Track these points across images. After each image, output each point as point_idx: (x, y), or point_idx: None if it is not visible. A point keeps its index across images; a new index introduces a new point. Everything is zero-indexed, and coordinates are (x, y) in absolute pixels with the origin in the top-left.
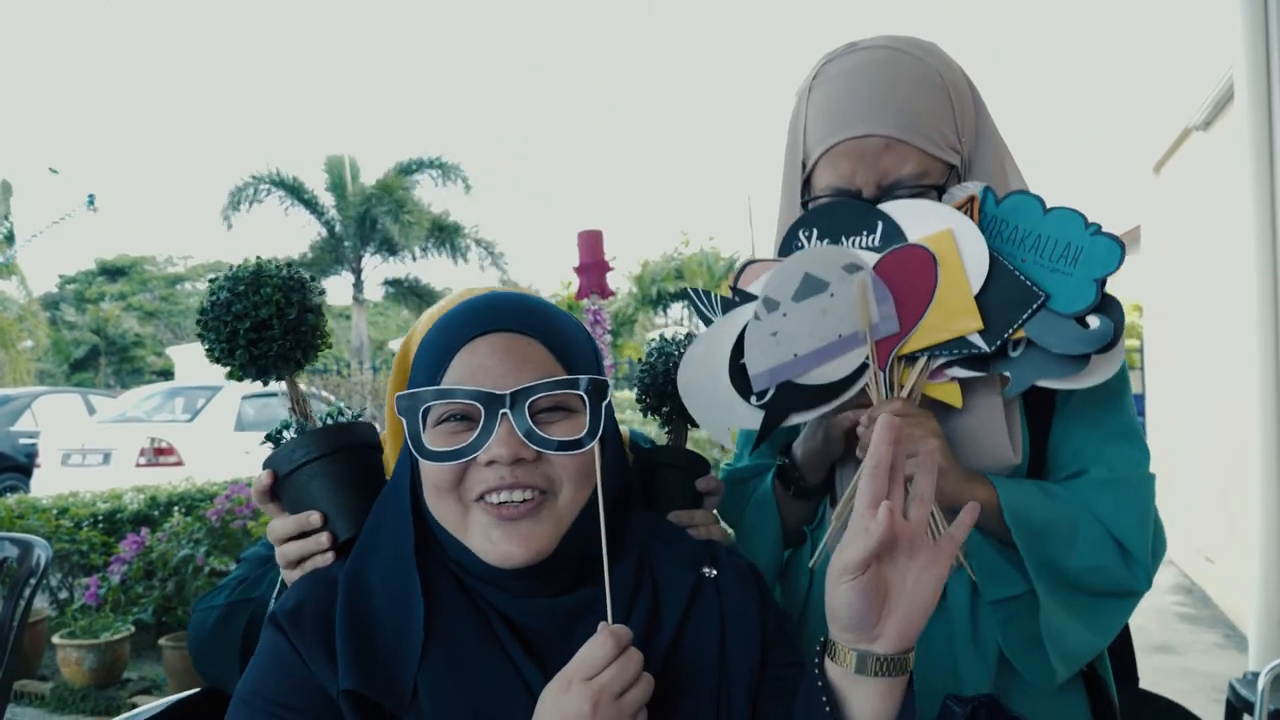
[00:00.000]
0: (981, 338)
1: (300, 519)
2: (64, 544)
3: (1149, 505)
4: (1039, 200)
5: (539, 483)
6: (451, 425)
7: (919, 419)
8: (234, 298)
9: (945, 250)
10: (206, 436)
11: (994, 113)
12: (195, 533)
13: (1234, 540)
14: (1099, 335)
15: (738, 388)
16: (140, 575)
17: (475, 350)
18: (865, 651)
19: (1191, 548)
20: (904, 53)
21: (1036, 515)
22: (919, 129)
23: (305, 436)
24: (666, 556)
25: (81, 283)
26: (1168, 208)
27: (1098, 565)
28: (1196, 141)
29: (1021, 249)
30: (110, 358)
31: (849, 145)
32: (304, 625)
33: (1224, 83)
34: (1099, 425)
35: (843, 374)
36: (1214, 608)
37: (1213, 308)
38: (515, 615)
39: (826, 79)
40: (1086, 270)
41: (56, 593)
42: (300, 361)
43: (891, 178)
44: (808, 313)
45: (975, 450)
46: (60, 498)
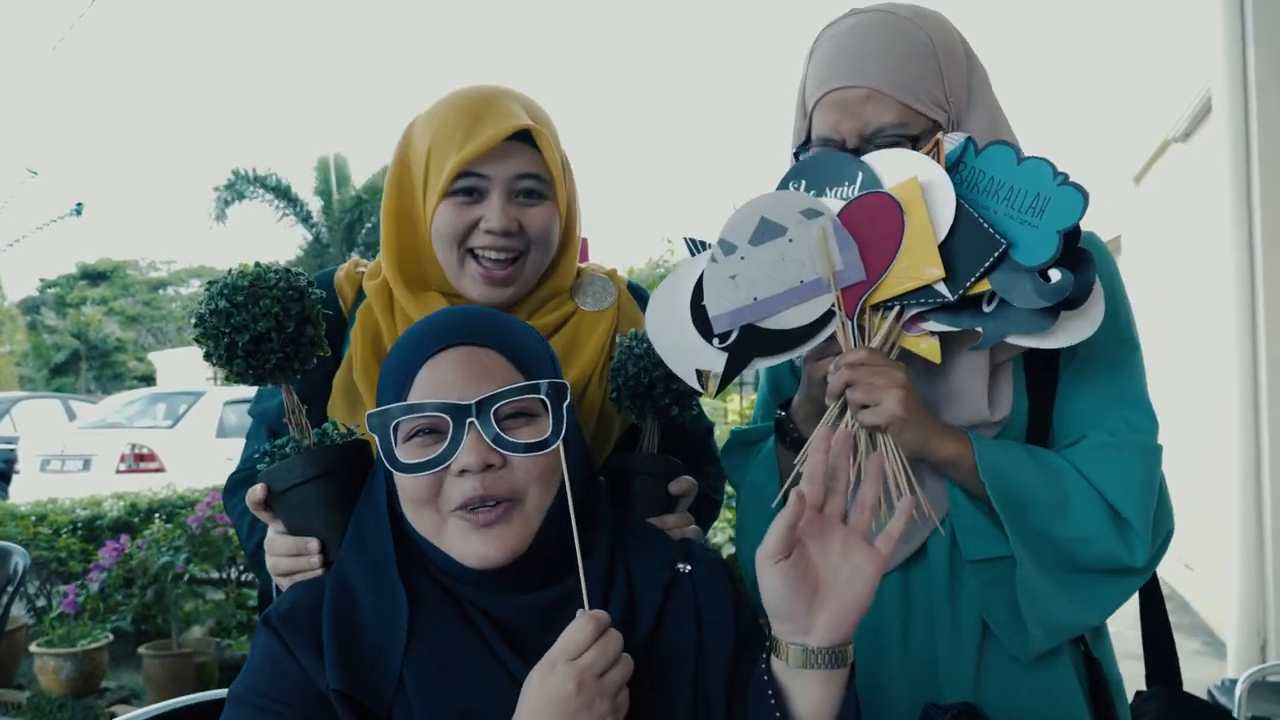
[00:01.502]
0: (946, 287)
1: (298, 544)
2: (42, 551)
3: (1152, 474)
4: (1014, 150)
5: (505, 493)
6: (422, 439)
7: (883, 368)
8: (232, 309)
9: (911, 198)
10: (188, 442)
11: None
12: (175, 540)
13: (1213, 548)
14: (1057, 289)
15: (701, 330)
16: (119, 583)
17: (437, 365)
18: (801, 645)
19: (1171, 555)
20: (897, 15)
21: (1022, 479)
22: (899, 82)
23: (301, 456)
24: (640, 553)
25: (62, 287)
26: (1148, 218)
27: (1089, 535)
28: (1176, 153)
29: (995, 200)
30: (91, 363)
31: (834, 96)
32: (296, 627)
33: (1203, 95)
34: (1104, 392)
35: (807, 320)
36: (1193, 615)
37: (1192, 317)
38: (496, 612)
39: (824, 40)
40: (1051, 222)
41: (34, 600)
42: (297, 370)
43: (873, 127)
44: (765, 257)
45: (959, 408)
46: (39, 504)
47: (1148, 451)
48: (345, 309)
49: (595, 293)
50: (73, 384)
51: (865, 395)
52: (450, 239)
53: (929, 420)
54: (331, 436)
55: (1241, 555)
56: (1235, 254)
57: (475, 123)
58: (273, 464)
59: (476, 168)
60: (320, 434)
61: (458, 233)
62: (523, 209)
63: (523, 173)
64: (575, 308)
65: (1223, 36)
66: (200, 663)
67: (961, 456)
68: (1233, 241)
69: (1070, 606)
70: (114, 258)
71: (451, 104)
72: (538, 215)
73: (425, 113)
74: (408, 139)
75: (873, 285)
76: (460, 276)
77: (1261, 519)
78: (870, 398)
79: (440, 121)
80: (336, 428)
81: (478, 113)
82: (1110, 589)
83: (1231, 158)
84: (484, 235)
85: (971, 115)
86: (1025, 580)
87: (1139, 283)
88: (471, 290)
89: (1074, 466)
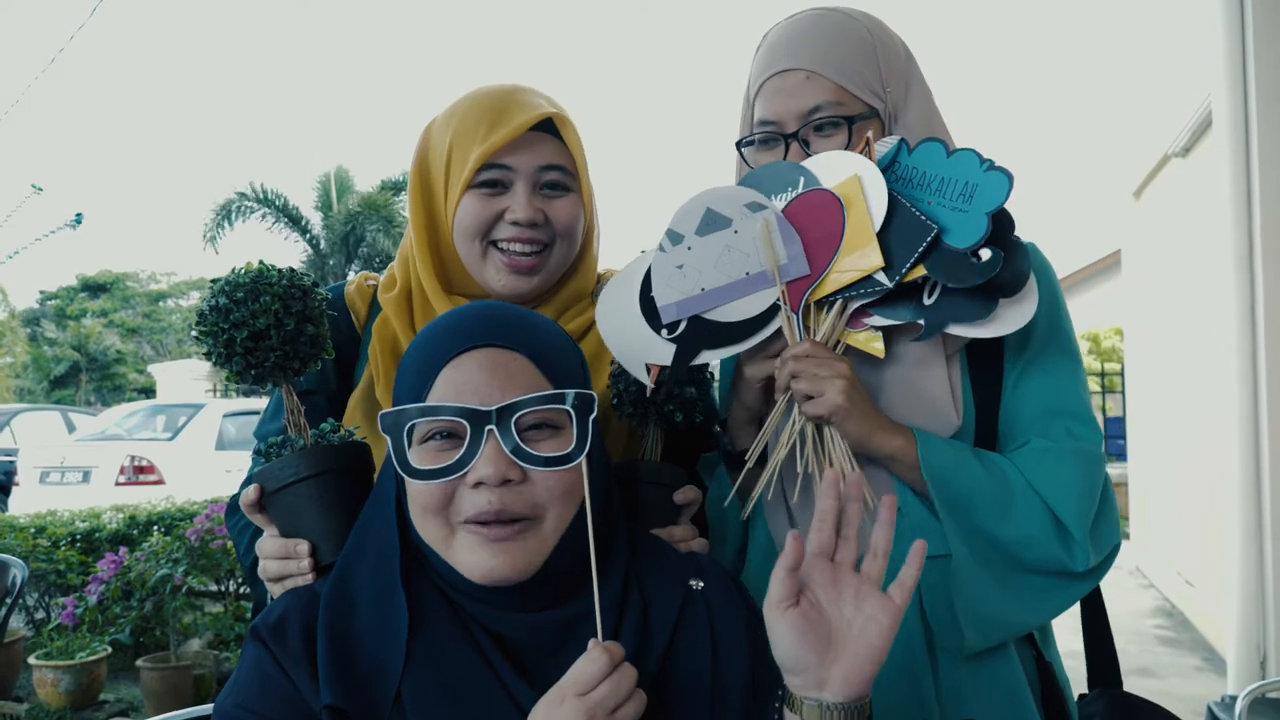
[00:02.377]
0: (884, 275)
1: (288, 545)
2: (41, 563)
3: (1093, 481)
4: (943, 145)
5: (523, 510)
6: (437, 443)
7: (826, 360)
8: (232, 305)
9: (852, 194)
10: (188, 455)
11: (979, 139)
12: (174, 552)
13: (1214, 564)
14: (988, 265)
15: (649, 320)
16: (118, 595)
17: (460, 366)
18: (816, 700)
19: (1172, 571)
20: (836, 11)
21: (965, 477)
22: (835, 65)
23: (295, 455)
24: (653, 571)
25: (63, 299)
26: (1148, 232)
27: (1030, 537)
28: (1175, 168)
29: (927, 192)
30: (91, 375)
31: (774, 81)
32: (287, 639)
33: (1203, 111)
34: (1047, 401)
35: (753, 312)
36: (1194, 631)
37: (1193, 332)
38: (502, 630)
39: (768, 36)
40: (980, 205)
41: (33, 613)
42: (298, 371)
43: (810, 105)
44: (712, 247)
45: (910, 412)
46: (38, 516)
47: (1090, 459)
48: (359, 324)
49: None
50: (72, 396)
51: (809, 386)
52: (474, 232)
53: (873, 413)
54: (329, 437)
55: (1241, 571)
56: (1235, 269)
57: (498, 115)
58: (267, 463)
59: (500, 159)
60: (318, 435)
61: (481, 225)
62: (548, 201)
63: (548, 164)
64: None
65: (1223, 51)
66: (198, 675)
67: (905, 451)
68: (1233, 256)
69: (1010, 607)
70: (114, 270)
71: (472, 100)
72: (563, 207)
73: (444, 113)
74: (426, 140)
75: (817, 280)
76: (483, 269)
77: (1261, 535)
78: (814, 388)
79: (462, 117)
80: (335, 429)
81: (500, 106)
82: (1052, 593)
83: (1232, 173)
84: (509, 227)
85: (908, 109)
86: (961, 577)
87: (1138, 297)
88: (495, 282)
89: (1017, 468)
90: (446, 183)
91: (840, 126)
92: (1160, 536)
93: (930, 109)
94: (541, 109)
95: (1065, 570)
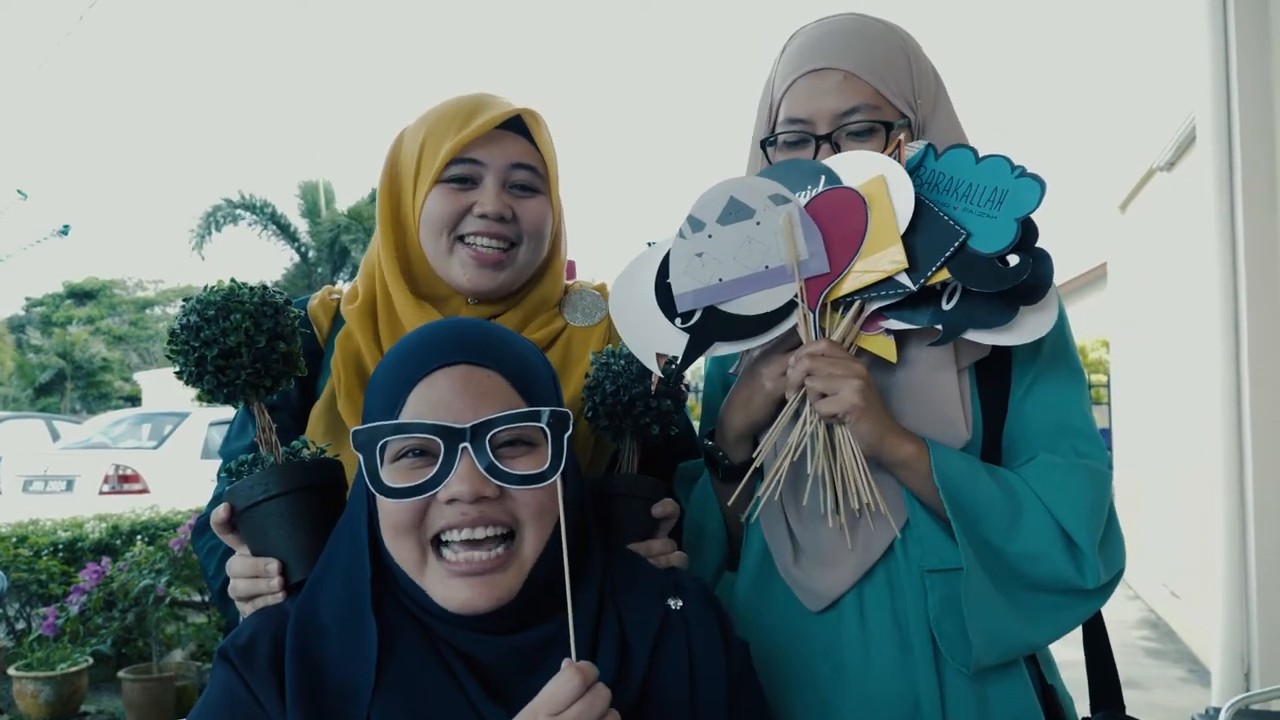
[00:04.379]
0: (907, 277)
1: (257, 564)
2: (22, 573)
3: (1102, 498)
4: (972, 151)
5: (503, 519)
6: (410, 461)
7: (843, 359)
8: (203, 322)
9: (876, 194)
10: (173, 464)
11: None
12: (157, 563)
13: (1199, 575)
14: (1015, 271)
15: (664, 308)
16: (100, 606)
17: (434, 384)
18: None
19: (1157, 582)
20: (871, 18)
21: (975, 488)
22: (875, 71)
23: (265, 472)
24: (630, 589)
25: (49, 306)
26: (1133, 245)
27: (1038, 553)
28: (1160, 181)
29: (954, 198)
30: (77, 382)
31: (808, 79)
32: (256, 663)
33: (1187, 125)
34: (1053, 418)
35: (770, 307)
36: (1179, 642)
37: (1177, 343)
38: (475, 653)
39: (797, 37)
40: (1010, 210)
41: (13, 623)
42: (270, 389)
43: (847, 106)
44: (733, 237)
45: (919, 414)
46: (20, 525)
47: (1099, 477)
48: (321, 338)
49: (585, 308)
50: (57, 404)
51: (824, 384)
52: (441, 225)
53: (886, 416)
54: (301, 454)
55: (1226, 583)
56: (1220, 281)
57: (470, 113)
58: (237, 481)
59: (471, 153)
60: (289, 451)
61: (449, 218)
62: (517, 200)
63: (518, 162)
64: (565, 323)
65: (1207, 66)
66: (181, 687)
67: (917, 459)
68: (1218, 269)
69: (1018, 624)
70: (101, 277)
71: (444, 104)
72: (532, 207)
73: (416, 119)
74: (398, 145)
75: (835, 279)
76: (449, 264)
77: (1246, 547)
78: (829, 387)
79: (435, 119)
80: (308, 446)
81: (472, 106)
82: (1061, 610)
83: (1216, 186)
84: (476, 220)
85: (935, 124)
86: (971, 590)
87: (1124, 309)
88: (461, 277)
89: (1026, 483)
90: (416, 179)
91: (877, 131)
92: (1146, 548)
93: (955, 125)
94: (512, 106)
95: (1075, 587)
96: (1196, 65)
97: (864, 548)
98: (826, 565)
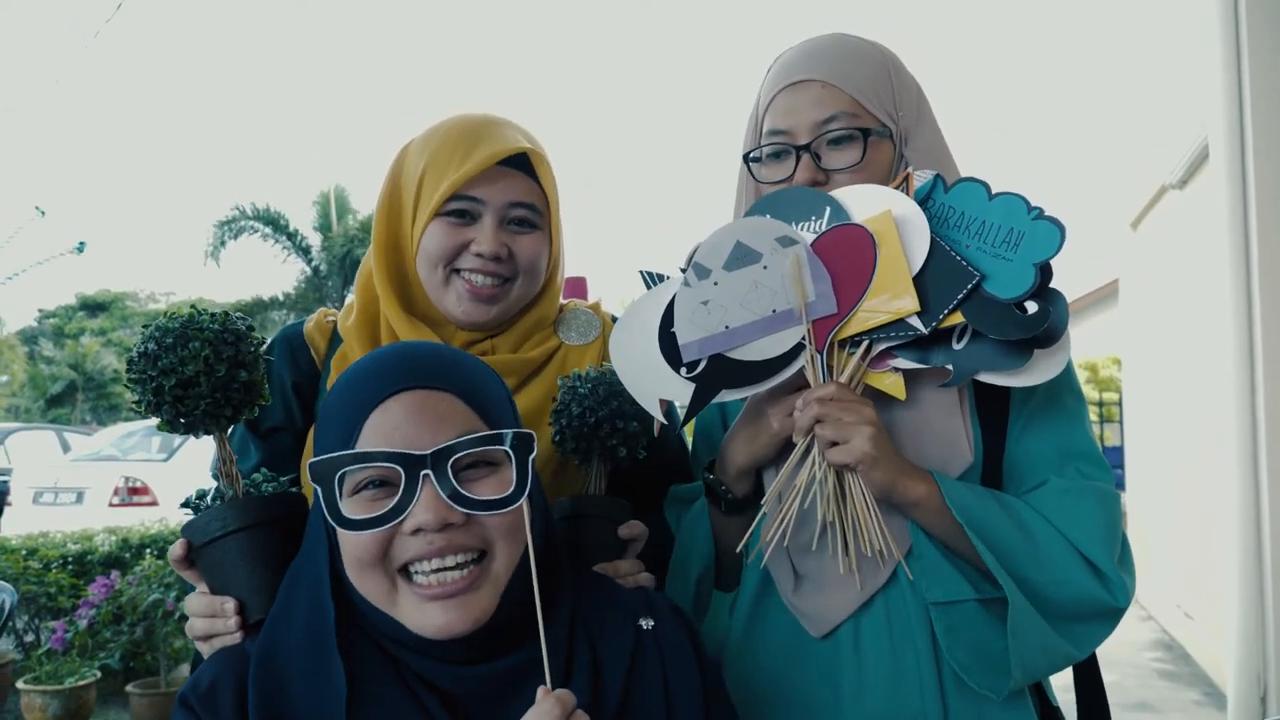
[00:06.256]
0: (919, 320)
1: (214, 603)
2: (32, 586)
3: (1115, 520)
4: (985, 186)
5: (473, 543)
6: (370, 493)
7: (853, 405)
8: (161, 351)
9: (884, 231)
10: (182, 476)
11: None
12: (166, 576)
13: (1213, 596)
14: (1034, 320)
15: (668, 358)
16: (108, 619)
17: (388, 411)
18: None
19: (1171, 603)
20: (851, 35)
21: (994, 522)
22: (853, 81)
23: (223, 507)
24: (602, 612)
25: (61, 317)
26: (1145, 263)
27: (1064, 578)
28: (1172, 199)
29: (966, 235)
30: (87, 394)
31: (788, 92)
32: (218, 708)
33: (1200, 143)
34: (1057, 441)
35: (777, 352)
36: (1194, 665)
37: (1190, 361)
38: (446, 684)
39: (781, 58)
40: (1027, 255)
41: (22, 636)
42: (230, 418)
43: (825, 115)
44: (739, 283)
45: (923, 451)
46: (30, 538)
47: (1108, 498)
48: (319, 360)
49: (580, 327)
50: (68, 415)
51: (835, 432)
52: (437, 259)
53: (897, 459)
54: (261, 487)
55: (1241, 604)
56: (1233, 299)
57: (472, 146)
58: (195, 515)
59: (471, 190)
60: (249, 485)
61: (446, 253)
62: (513, 236)
63: (517, 201)
64: (560, 342)
65: (1220, 84)
66: None
67: (929, 498)
68: (1230, 286)
69: (1053, 644)
70: (113, 289)
71: (448, 128)
72: (528, 244)
73: (420, 136)
74: (401, 162)
75: (843, 319)
76: (444, 295)
77: (1261, 567)
78: (840, 435)
79: (437, 144)
80: (271, 479)
81: (474, 137)
82: (1091, 628)
83: (1229, 205)
84: (473, 258)
85: (919, 136)
86: (1017, 620)
87: (1136, 327)
88: (455, 309)
89: (1036, 510)
90: (416, 207)
91: (855, 139)
92: (1159, 567)
93: (940, 140)
94: (515, 143)
95: (1108, 606)
96: (1209, 83)
97: (868, 576)
98: (828, 593)
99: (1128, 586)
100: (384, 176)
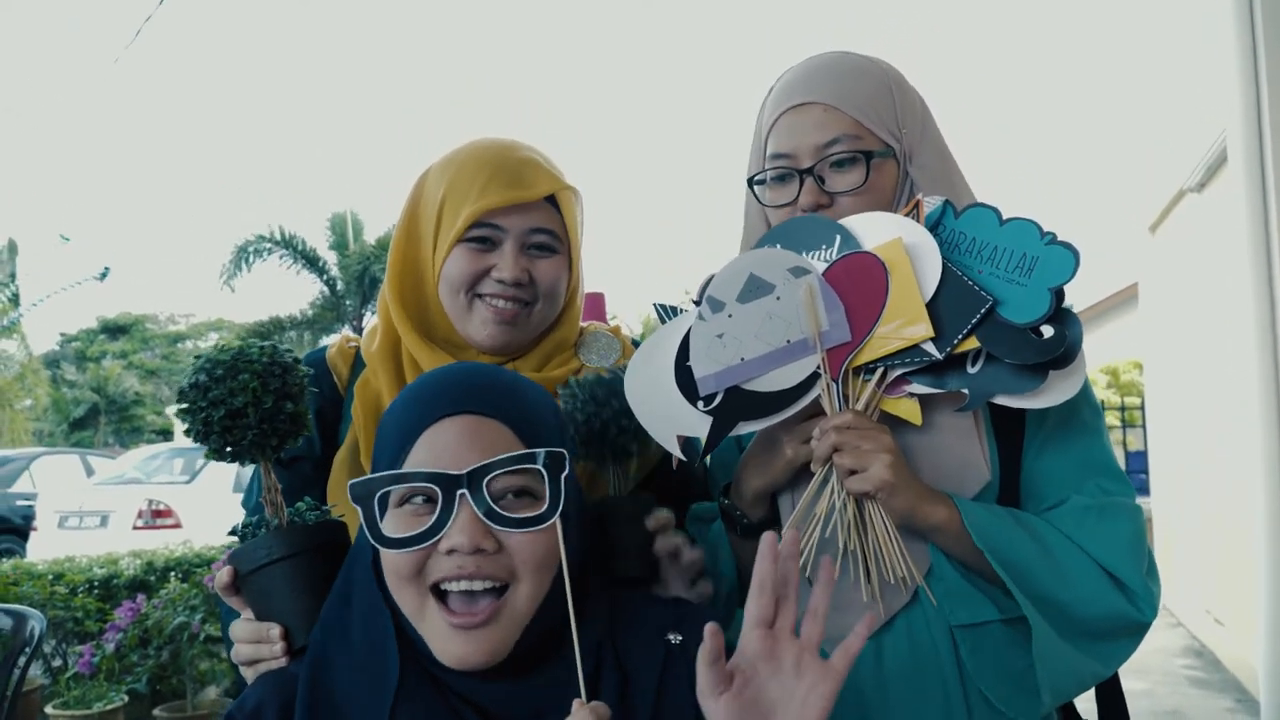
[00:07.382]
0: (933, 346)
1: (260, 629)
2: (58, 611)
3: (1140, 534)
4: (995, 212)
5: (499, 574)
6: (412, 507)
7: (871, 432)
8: (211, 382)
9: (896, 258)
10: (206, 498)
11: (995, 176)
12: (191, 599)
13: (1243, 601)
14: (1050, 345)
15: (685, 393)
16: (135, 643)
17: (440, 432)
18: None
19: (1200, 609)
20: (852, 53)
21: (1011, 541)
22: (854, 101)
23: (269, 535)
24: (630, 628)
25: (83, 341)
26: (1164, 267)
27: (1090, 595)
28: (1191, 203)
29: (978, 261)
30: (110, 416)
31: (790, 115)
32: None
33: (1218, 146)
34: (1076, 457)
35: (792, 382)
36: (1225, 671)
37: (1212, 364)
38: (483, 701)
39: (782, 78)
40: (1041, 280)
41: (50, 660)
42: (275, 448)
43: (827, 138)
44: (753, 315)
45: (941, 471)
46: (56, 563)
47: (1132, 512)
48: (341, 385)
49: (600, 349)
50: (91, 438)
51: (854, 460)
52: (459, 285)
53: (916, 485)
54: (305, 516)
55: (1270, 609)
56: (1254, 302)
57: (494, 174)
58: (242, 544)
59: (493, 218)
60: (294, 513)
61: (468, 279)
62: (533, 260)
63: (538, 227)
64: (581, 364)
65: (1237, 87)
66: None
67: (949, 522)
68: (1251, 289)
69: (1085, 663)
70: (133, 311)
71: (470, 153)
72: (547, 268)
73: (440, 161)
74: (421, 187)
75: (857, 346)
76: (467, 320)
77: None
78: (859, 463)
79: (458, 170)
80: (313, 507)
81: (497, 164)
82: (1119, 645)
83: (1248, 208)
84: (494, 283)
85: (923, 153)
86: (1041, 644)
87: (1157, 330)
88: (479, 333)
89: (1058, 529)
90: (437, 233)
91: (858, 162)
92: (1187, 573)
93: (946, 155)
94: (539, 189)
95: (1135, 622)
96: (1226, 86)
97: (889, 600)
98: (847, 612)
99: (1155, 599)
100: (402, 204)
